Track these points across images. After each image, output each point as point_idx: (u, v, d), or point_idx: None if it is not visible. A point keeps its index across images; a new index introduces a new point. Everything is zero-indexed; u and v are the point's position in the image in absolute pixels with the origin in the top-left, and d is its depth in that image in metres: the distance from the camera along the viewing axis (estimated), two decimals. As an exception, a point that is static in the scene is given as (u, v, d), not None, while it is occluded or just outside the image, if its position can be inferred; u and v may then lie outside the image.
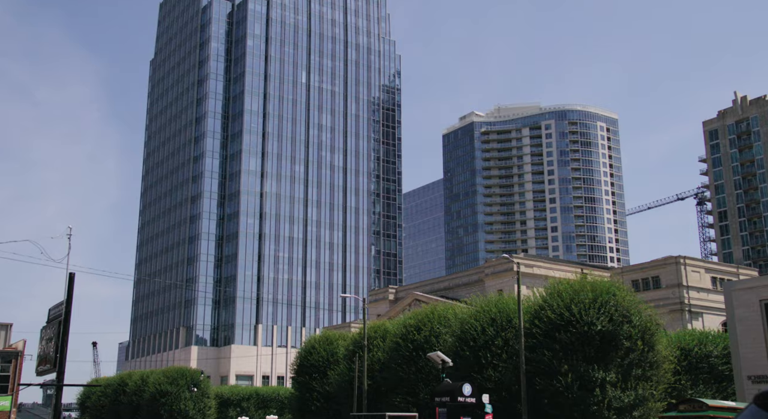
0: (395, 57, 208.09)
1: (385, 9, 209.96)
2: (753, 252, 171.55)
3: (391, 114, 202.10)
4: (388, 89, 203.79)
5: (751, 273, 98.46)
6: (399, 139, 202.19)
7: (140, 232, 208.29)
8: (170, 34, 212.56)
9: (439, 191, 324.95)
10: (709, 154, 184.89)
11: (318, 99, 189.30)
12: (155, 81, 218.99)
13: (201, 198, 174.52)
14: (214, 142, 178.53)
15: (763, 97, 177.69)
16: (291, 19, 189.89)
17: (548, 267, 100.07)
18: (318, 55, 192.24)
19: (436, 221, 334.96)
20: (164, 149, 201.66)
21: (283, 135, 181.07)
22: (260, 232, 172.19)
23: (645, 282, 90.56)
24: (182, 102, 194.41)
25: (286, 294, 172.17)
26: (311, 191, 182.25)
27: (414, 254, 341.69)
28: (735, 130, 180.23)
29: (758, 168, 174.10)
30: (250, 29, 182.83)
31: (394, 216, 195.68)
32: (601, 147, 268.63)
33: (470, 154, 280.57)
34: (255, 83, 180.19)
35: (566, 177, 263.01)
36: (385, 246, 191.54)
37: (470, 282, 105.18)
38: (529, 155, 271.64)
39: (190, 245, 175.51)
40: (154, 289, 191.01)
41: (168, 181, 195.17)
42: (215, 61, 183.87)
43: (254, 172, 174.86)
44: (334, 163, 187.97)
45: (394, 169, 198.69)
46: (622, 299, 44.18)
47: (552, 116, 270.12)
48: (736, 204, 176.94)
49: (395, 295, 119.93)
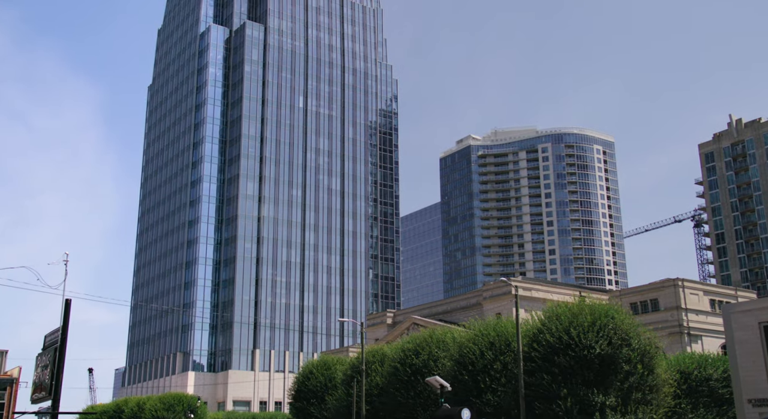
0: (392, 81, 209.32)
1: (381, 34, 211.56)
2: (751, 274, 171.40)
3: (388, 138, 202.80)
4: (385, 113, 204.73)
5: (750, 295, 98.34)
6: (396, 163, 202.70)
7: (137, 257, 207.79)
8: (168, 60, 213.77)
9: (436, 215, 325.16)
10: (705, 176, 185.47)
11: (315, 123, 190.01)
12: (153, 106, 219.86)
13: (198, 223, 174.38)
14: (211, 166, 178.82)
15: (758, 120, 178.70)
16: (288, 44, 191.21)
17: (546, 290, 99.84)
18: (315, 80, 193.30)
19: (433, 244, 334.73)
20: (162, 174, 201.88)
21: (280, 159, 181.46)
22: (258, 256, 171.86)
23: (643, 305, 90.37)
24: (180, 127, 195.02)
25: (284, 319, 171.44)
26: (309, 215, 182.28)
27: (412, 277, 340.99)
28: (731, 152, 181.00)
29: (755, 190, 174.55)
30: (248, 55, 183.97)
31: (392, 240, 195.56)
32: (598, 170, 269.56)
33: (467, 177, 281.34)
34: (252, 108, 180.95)
35: (563, 200, 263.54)
36: (382, 270, 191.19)
37: (468, 306, 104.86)
38: (526, 178, 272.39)
39: (187, 270, 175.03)
40: (150, 314, 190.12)
41: (165, 206, 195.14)
42: (213, 86, 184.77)
43: (252, 196, 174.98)
44: (332, 187, 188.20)
45: (391, 193, 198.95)
46: (620, 322, 44.00)
47: (549, 139, 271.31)
48: (733, 226, 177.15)
49: (393, 319, 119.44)
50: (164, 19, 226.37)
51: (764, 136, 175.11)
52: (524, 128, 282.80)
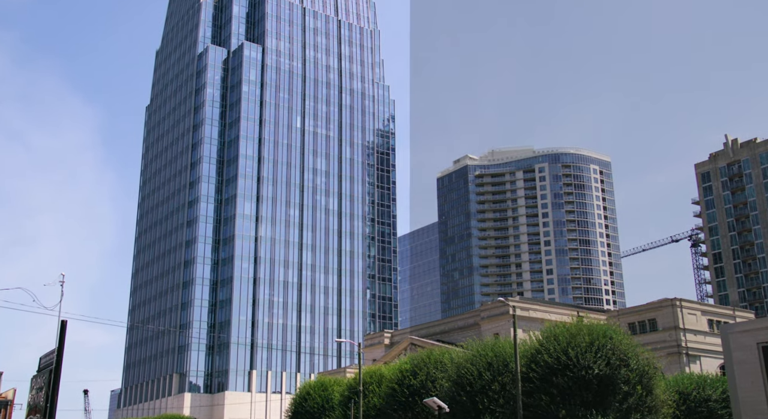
0: (389, 102, 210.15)
1: (379, 55, 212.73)
2: (749, 294, 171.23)
3: (385, 158, 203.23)
4: (382, 133, 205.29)
5: (748, 316, 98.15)
6: (393, 182, 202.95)
7: (134, 277, 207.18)
8: (166, 81, 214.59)
9: (434, 234, 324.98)
10: (702, 196, 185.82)
11: (313, 143, 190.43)
12: (151, 126, 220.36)
13: (195, 243, 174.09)
14: (209, 186, 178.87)
15: (753, 140, 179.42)
16: (286, 65, 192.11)
17: (544, 310, 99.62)
18: (313, 100, 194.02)
19: (431, 264, 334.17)
20: (159, 194, 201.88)
21: (278, 179, 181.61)
22: (255, 276, 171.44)
23: (641, 325, 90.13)
24: (177, 147, 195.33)
25: (281, 339, 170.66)
26: (306, 235, 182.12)
27: (409, 297, 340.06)
28: (727, 172, 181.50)
29: (751, 210, 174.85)
30: (246, 75, 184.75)
31: (389, 260, 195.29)
32: (595, 189, 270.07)
33: (465, 197, 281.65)
34: (250, 128, 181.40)
35: (560, 220, 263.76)
36: (380, 290, 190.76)
37: (466, 326, 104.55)
38: (523, 198, 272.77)
39: (184, 290, 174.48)
40: (147, 335, 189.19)
41: (162, 226, 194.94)
42: (210, 106, 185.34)
43: (249, 216, 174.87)
44: (329, 207, 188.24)
45: (388, 212, 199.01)
46: (619, 342, 43.93)
47: (545, 159, 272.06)
48: (730, 246, 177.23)
49: (391, 339, 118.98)
50: (162, 41, 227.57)
51: (760, 156, 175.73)
52: (521, 147, 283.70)
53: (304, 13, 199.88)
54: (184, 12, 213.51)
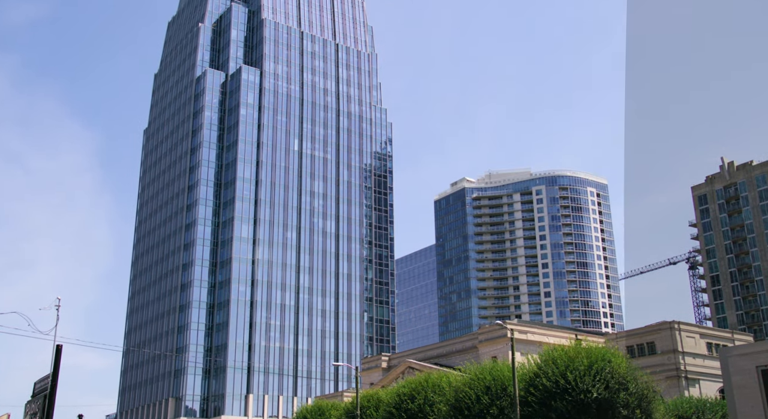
0: (387, 124, 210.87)
1: (376, 78, 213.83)
2: (747, 317, 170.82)
3: (382, 180, 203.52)
4: (379, 156, 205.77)
5: (747, 339, 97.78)
6: (391, 205, 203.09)
7: (130, 301, 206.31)
8: (164, 104, 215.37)
9: (431, 257, 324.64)
10: (699, 219, 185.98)
11: (310, 166, 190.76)
12: (148, 150, 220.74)
13: (192, 266, 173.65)
14: (206, 209, 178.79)
15: (749, 162, 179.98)
16: (283, 88, 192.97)
17: (542, 333, 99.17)
18: (310, 123, 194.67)
19: (428, 286, 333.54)
20: (156, 217, 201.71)
21: (275, 202, 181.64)
22: (252, 299, 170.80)
23: (640, 348, 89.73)
24: (175, 170, 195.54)
25: (278, 363, 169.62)
26: (303, 257, 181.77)
27: (407, 320, 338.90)
28: (724, 195, 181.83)
29: (748, 233, 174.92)
30: (243, 98, 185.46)
31: (387, 282, 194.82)
32: (592, 212, 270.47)
33: (462, 219, 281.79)
34: (248, 151, 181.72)
35: (558, 242, 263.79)
36: (377, 313, 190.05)
37: (464, 349, 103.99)
38: (520, 221, 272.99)
39: (180, 314, 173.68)
40: (143, 359, 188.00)
41: (159, 249, 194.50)
42: (208, 129, 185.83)
43: (246, 239, 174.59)
44: (327, 229, 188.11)
45: (386, 235, 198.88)
46: (617, 366, 43.71)
47: (542, 182, 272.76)
48: (728, 269, 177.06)
49: (388, 363, 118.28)
50: (161, 64, 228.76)
51: (756, 178, 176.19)
52: (518, 170, 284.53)
53: (301, 37, 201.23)
54: (182, 36, 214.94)
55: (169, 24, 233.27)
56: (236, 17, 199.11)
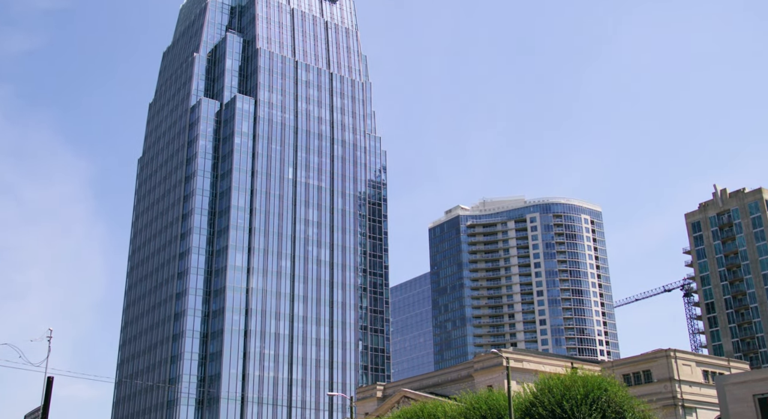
0: (381, 153, 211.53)
1: (370, 106, 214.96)
2: (743, 344, 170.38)
3: (377, 208, 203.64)
4: (374, 184, 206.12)
5: (743, 366, 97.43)
6: (385, 233, 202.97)
7: (123, 331, 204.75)
8: (159, 133, 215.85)
9: (426, 285, 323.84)
10: (693, 246, 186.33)
11: (304, 194, 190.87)
12: (143, 179, 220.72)
13: (186, 295, 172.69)
14: (200, 238, 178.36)
15: (742, 190, 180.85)
16: (278, 117, 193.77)
17: (538, 362, 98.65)
18: (304, 151, 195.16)
19: (423, 315, 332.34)
20: (150, 246, 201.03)
21: (269, 230, 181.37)
22: (246, 329, 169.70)
23: (636, 376, 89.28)
24: (169, 199, 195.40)
25: (272, 393, 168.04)
26: (298, 286, 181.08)
27: (402, 349, 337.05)
28: (717, 222, 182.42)
29: (742, 259, 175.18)
30: (238, 127, 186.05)
31: (382, 311, 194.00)
32: (587, 239, 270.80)
33: (457, 247, 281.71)
34: (242, 180, 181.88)
35: (553, 270, 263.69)
36: (372, 341, 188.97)
37: (459, 378, 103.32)
38: (515, 248, 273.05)
39: (173, 343, 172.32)
40: (135, 390, 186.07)
41: (153, 278, 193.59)
42: (203, 158, 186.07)
43: (240, 267, 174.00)
44: (321, 258, 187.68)
45: (380, 263, 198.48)
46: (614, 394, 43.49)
47: (537, 209, 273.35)
48: (722, 296, 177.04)
49: (383, 392, 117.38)
50: (156, 93, 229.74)
51: (749, 205, 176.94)
52: (512, 197, 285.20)
53: (296, 66, 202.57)
54: (177, 66, 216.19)
55: (164, 54, 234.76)
56: (231, 47, 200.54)
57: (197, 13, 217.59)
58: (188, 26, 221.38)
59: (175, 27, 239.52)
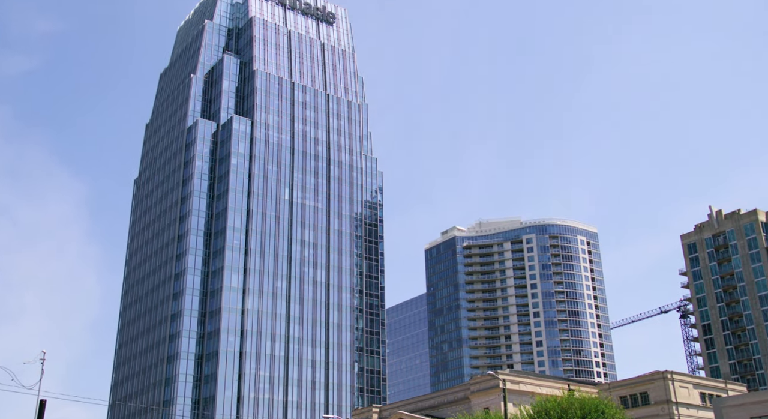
0: (377, 174, 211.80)
1: (366, 128, 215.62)
2: (740, 366, 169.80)
3: (373, 229, 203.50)
4: (370, 205, 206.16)
5: (740, 389, 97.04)
6: (382, 254, 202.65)
7: (117, 352, 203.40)
8: (155, 154, 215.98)
9: (422, 306, 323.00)
10: (689, 267, 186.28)
11: (301, 215, 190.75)
12: (138, 199, 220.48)
13: (181, 316, 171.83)
14: (196, 259, 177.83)
15: (737, 211, 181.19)
16: (274, 138, 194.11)
17: (535, 383, 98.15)
18: (301, 172, 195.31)
19: (419, 336, 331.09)
20: (145, 267, 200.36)
21: (265, 251, 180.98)
22: (241, 350, 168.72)
23: (633, 398, 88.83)
24: (165, 220, 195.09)
25: (267, 415, 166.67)
26: (293, 307, 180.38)
27: (398, 370, 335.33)
28: (713, 243, 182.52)
29: (738, 281, 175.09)
30: (234, 148, 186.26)
31: (378, 332, 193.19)
32: (583, 260, 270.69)
33: (453, 268, 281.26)
34: (238, 200, 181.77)
35: (549, 291, 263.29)
36: (368, 363, 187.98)
37: (456, 400, 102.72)
38: (511, 269, 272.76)
39: (168, 365, 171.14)
40: (129, 412, 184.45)
41: (148, 299, 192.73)
42: (199, 179, 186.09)
43: (236, 288, 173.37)
44: (317, 278, 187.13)
45: (377, 284, 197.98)
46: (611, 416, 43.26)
47: (533, 230, 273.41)
48: (719, 317, 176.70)
49: (379, 414, 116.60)
50: (152, 114, 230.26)
51: (744, 227, 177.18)
52: (508, 218, 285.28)
53: (292, 87, 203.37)
54: (174, 87, 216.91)
55: (161, 75, 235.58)
56: (228, 68, 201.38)
57: (194, 35, 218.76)
58: (186, 48, 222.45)
59: (172, 48, 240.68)
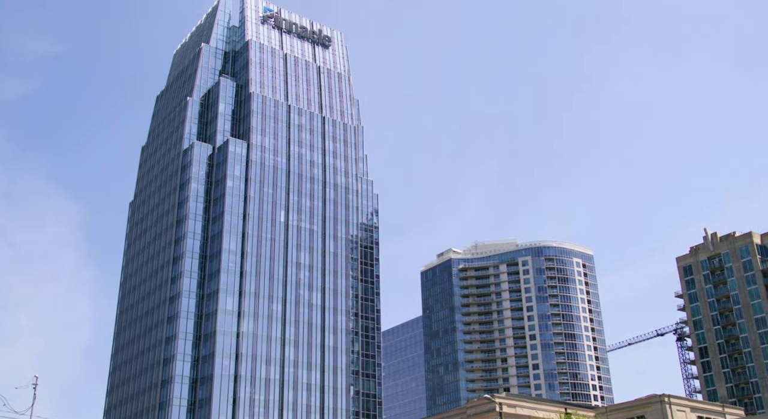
0: (373, 196, 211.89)
1: (362, 150, 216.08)
2: (737, 390, 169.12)
3: (369, 252, 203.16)
4: (366, 227, 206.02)
5: (738, 412, 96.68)
6: (377, 276, 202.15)
7: (111, 376, 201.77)
8: (151, 176, 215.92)
9: (418, 329, 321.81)
10: (684, 289, 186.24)
11: (296, 238, 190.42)
12: (134, 222, 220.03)
13: (175, 339, 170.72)
14: (191, 282, 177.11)
15: (732, 234, 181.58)
16: (270, 160, 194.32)
17: (531, 407, 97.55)
18: (296, 194, 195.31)
19: (415, 359, 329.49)
20: (139, 290, 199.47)
21: (261, 274, 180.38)
22: (236, 374, 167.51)
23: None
24: (160, 242, 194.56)
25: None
26: (289, 330, 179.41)
27: (394, 394, 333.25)
28: (708, 266, 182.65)
29: (734, 304, 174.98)
30: (230, 170, 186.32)
31: (373, 355, 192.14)
32: (578, 283, 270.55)
33: (449, 291, 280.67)
34: (234, 223, 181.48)
35: (545, 313, 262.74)
36: (364, 386, 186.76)
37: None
38: (507, 292, 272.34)
39: (162, 390, 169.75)
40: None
41: (142, 323, 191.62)
42: (194, 201, 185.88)
43: (231, 311, 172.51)
44: (312, 301, 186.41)
45: (372, 307, 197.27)
46: (608, 443, 42.87)
47: (528, 253, 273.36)
48: (716, 340, 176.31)
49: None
50: (148, 137, 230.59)
51: (739, 249, 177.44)
52: (504, 241, 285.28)
53: (288, 109, 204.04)
54: (170, 109, 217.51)
55: (157, 98, 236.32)
56: (224, 91, 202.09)
57: (191, 58, 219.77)
58: (182, 71, 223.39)
59: (169, 71, 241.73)
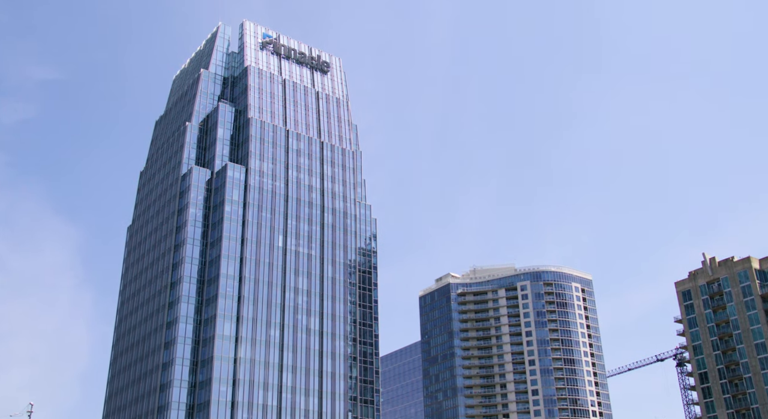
0: (371, 221, 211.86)
1: (360, 175, 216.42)
2: (738, 416, 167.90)
3: (367, 277, 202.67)
4: (364, 252, 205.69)
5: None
6: (376, 301, 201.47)
7: (107, 403, 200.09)
8: (149, 201, 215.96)
9: (416, 354, 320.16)
10: (684, 314, 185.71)
11: (294, 262, 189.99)
12: (131, 247, 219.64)
13: (173, 365, 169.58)
14: (188, 307, 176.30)
15: (731, 258, 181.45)
16: (269, 185, 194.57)
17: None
18: (295, 219, 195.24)
19: (414, 385, 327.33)
20: (136, 316, 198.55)
21: (258, 299, 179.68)
22: (233, 400, 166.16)
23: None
24: (158, 267, 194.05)
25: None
26: (286, 355, 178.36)
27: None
28: (707, 291, 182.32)
29: (734, 329, 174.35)
30: (228, 195, 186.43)
31: (372, 381, 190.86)
32: (578, 308, 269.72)
33: (447, 316, 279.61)
34: (232, 247, 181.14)
35: (544, 338, 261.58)
36: (362, 413, 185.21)
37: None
38: (506, 317, 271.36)
39: (159, 416, 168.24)
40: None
41: (139, 348, 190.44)
42: (192, 226, 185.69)
43: (228, 337, 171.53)
44: (310, 327, 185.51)
45: (371, 332, 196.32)
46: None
47: (527, 278, 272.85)
48: (716, 366, 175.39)
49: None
50: (147, 162, 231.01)
51: (738, 274, 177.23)
52: (503, 265, 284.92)
53: (287, 135, 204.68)
54: (169, 134, 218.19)
55: (156, 123, 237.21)
56: (223, 116, 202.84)
57: (190, 84, 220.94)
58: (181, 96, 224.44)
59: (168, 97, 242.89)
